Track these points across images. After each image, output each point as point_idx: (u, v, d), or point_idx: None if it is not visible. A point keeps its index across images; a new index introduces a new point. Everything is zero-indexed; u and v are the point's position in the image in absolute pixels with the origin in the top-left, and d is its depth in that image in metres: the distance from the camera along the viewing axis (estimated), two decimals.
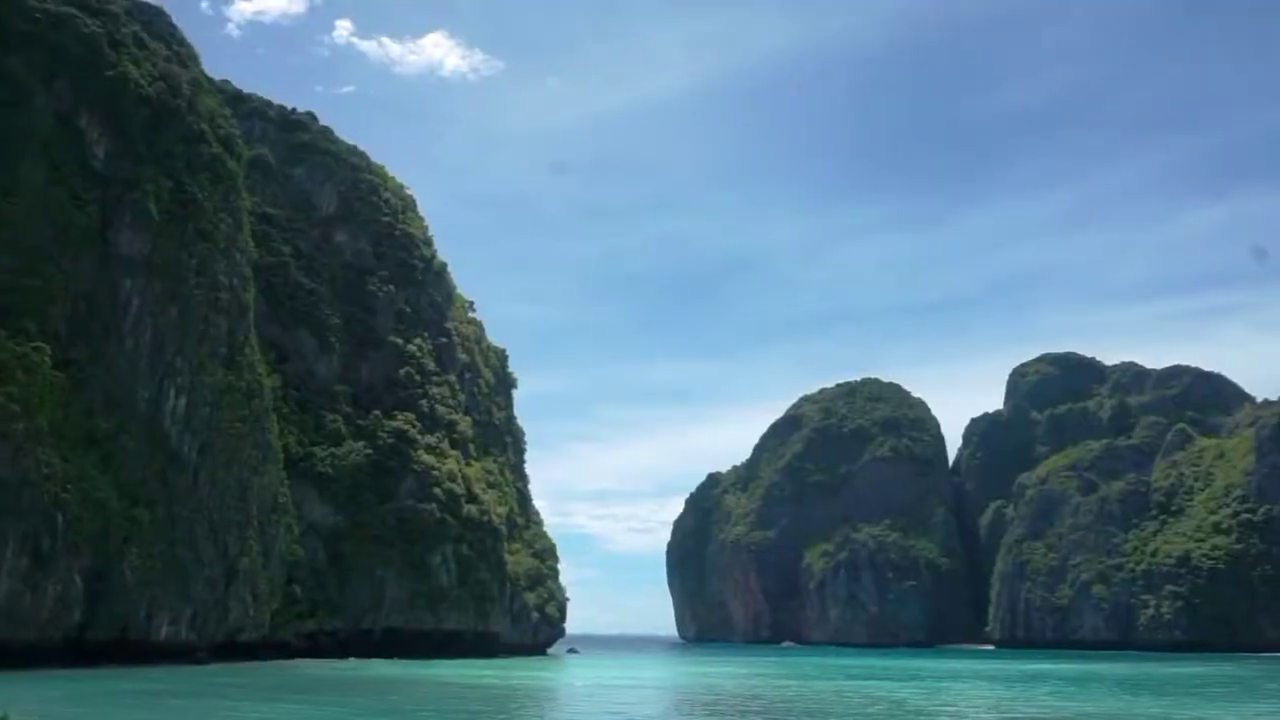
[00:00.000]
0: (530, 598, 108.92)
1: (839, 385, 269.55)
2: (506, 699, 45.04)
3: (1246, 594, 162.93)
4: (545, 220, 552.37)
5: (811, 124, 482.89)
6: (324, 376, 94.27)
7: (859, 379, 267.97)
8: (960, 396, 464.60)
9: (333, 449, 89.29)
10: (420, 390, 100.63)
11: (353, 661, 76.28)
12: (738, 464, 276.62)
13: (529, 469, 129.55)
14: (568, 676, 69.01)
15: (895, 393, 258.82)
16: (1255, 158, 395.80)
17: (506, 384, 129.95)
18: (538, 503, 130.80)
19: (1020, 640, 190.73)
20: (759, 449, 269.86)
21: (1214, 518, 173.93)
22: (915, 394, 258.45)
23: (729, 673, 75.44)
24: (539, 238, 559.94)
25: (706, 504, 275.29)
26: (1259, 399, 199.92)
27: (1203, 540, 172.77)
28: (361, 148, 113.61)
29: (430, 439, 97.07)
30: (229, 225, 73.09)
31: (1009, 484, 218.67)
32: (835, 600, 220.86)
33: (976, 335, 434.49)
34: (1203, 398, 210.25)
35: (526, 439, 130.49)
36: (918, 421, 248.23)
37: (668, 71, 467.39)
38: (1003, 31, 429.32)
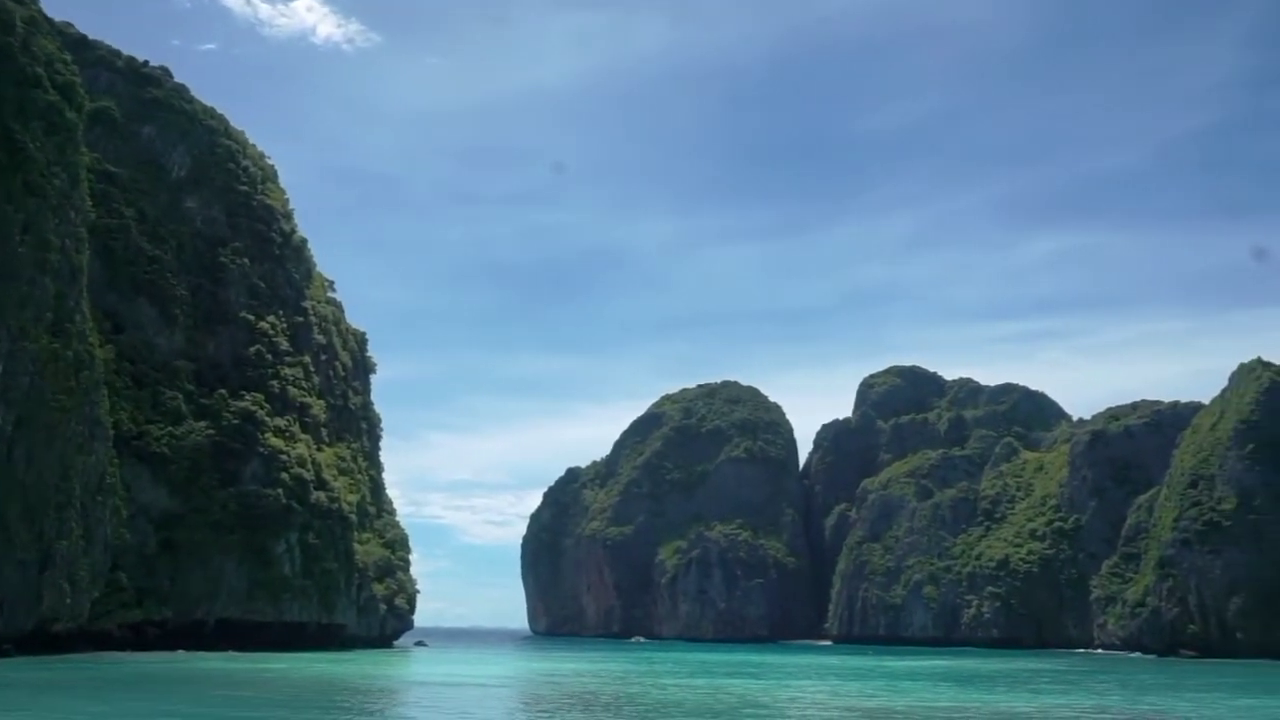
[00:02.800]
0: (379, 589, 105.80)
1: (700, 386, 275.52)
2: (340, 696, 43.30)
3: (1055, 595, 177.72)
4: (415, 203, 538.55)
5: (687, 128, 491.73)
6: (165, 350, 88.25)
7: (719, 381, 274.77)
8: (813, 402, 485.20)
9: (170, 428, 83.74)
10: (271, 370, 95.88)
11: (181, 654, 71.83)
12: (598, 459, 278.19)
13: (384, 457, 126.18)
14: (410, 672, 67.25)
15: (753, 396, 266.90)
16: (1088, 195, 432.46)
17: (364, 368, 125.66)
18: (391, 492, 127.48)
19: (856, 636, 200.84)
20: (619, 445, 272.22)
21: (1031, 525, 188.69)
22: (772, 398, 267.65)
23: (577, 669, 75.70)
24: (407, 220, 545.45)
25: (565, 498, 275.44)
26: (1075, 418, 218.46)
27: (1020, 545, 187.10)
28: (220, 110, 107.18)
29: (280, 421, 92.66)
30: (63, 181, 67.21)
31: (854, 488, 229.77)
32: (686, 596, 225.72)
33: (831, 345, 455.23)
34: (1028, 414, 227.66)
35: (383, 426, 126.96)
36: (772, 425, 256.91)
37: (550, 62, 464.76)
38: (873, 58, 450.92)
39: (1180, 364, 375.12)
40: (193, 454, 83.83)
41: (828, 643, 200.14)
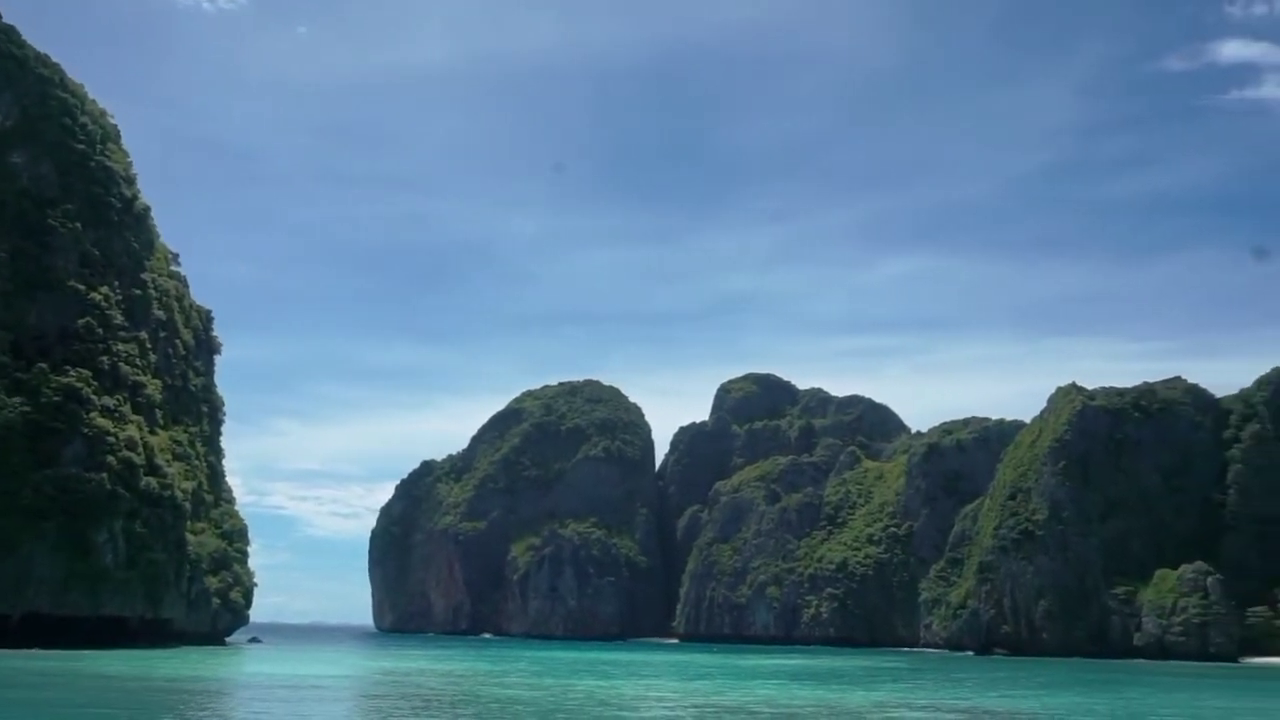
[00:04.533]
0: (212, 582, 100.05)
1: (561, 384, 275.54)
2: (155, 697, 40.34)
3: (886, 597, 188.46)
4: (275, 178, 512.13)
5: (564, 124, 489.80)
6: None
7: (581, 380, 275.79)
8: (672, 405, 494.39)
9: None
10: (102, 345, 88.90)
11: None
12: (454, 453, 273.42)
13: (225, 442, 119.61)
14: (238, 671, 63.86)
15: (614, 396, 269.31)
16: (936, 223, 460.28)
17: (208, 348, 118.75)
18: (232, 480, 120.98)
19: (702, 634, 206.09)
20: (477, 440, 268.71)
21: (869, 530, 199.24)
22: (632, 399, 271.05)
23: (421, 667, 74.14)
24: (265, 196, 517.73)
25: (418, 492, 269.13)
26: (913, 430, 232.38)
27: (858, 549, 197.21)
28: (56, 59, 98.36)
29: (108, 401, 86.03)
30: None
31: (707, 490, 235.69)
32: (537, 593, 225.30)
33: (692, 350, 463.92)
34: (871, 425, 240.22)
35: (226, 410, 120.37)
36: (631, 425, 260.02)
37: (426, 44, 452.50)
38: (750, 74, 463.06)
39: (1009, 384, 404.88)
40: (3, 432, 76.70)
41: (674, 641, 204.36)
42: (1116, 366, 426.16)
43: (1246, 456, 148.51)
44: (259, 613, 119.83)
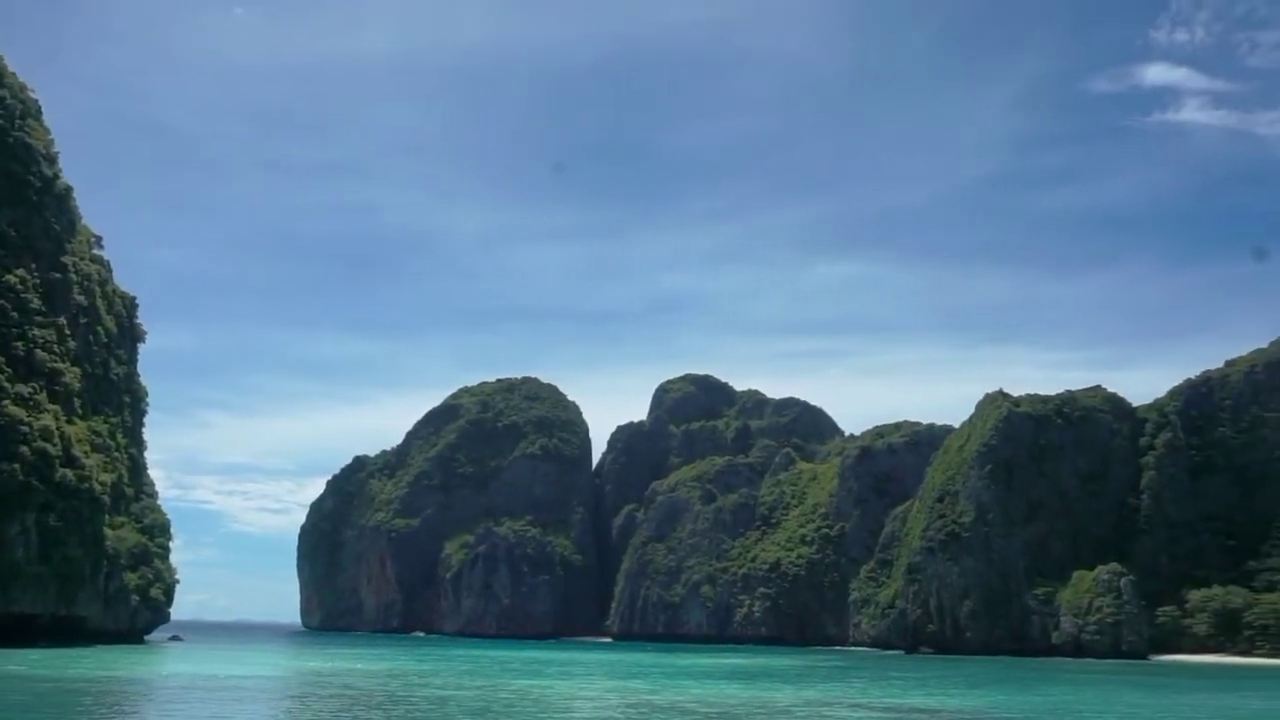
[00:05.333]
0: (131, 578, 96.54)
1: (499, 380, 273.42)
2: (60, 698, 38.67)
3: (817, 596, 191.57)
4: (211, 163, 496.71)
5: (509, 121, 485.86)
6: None
7: (520, 377, 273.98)
8: (610, 403, 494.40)
9: None
10: (16, 330, 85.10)
11: None
12: (388, 449, 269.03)
13: (149, 434, 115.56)
14: (153, 670, 61.64)
15: (552, 394, 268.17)
16: (876, 227, 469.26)
17: (132, 336, 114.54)
18: (154, 473, 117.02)
19: (636, 634, 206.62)
20: (412, 435, 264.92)
21: (802, 530, 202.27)
22: (570, 397, 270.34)
23: (349, 666, 72.69)
24: (197, 180, 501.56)
25: (350, 487, 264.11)
26: (847, 433, 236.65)
27: (791, 550, 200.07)
28: None
29: (23, 388, 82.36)
30: None
31: (644, 489, 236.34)
32: (470, 591, 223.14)
33: (632, 349, 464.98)
34: (806, 427, 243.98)
35: (149, 400, 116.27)
36: (569, 424, 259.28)
37: (372, 34, 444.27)
38: (696, 75, 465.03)
39: (942, 389, 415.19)
40: None
41: (608, 640, 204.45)
42: (1044, 374, 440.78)
43: (1159, 463, 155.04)
44: (181, 610, 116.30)
